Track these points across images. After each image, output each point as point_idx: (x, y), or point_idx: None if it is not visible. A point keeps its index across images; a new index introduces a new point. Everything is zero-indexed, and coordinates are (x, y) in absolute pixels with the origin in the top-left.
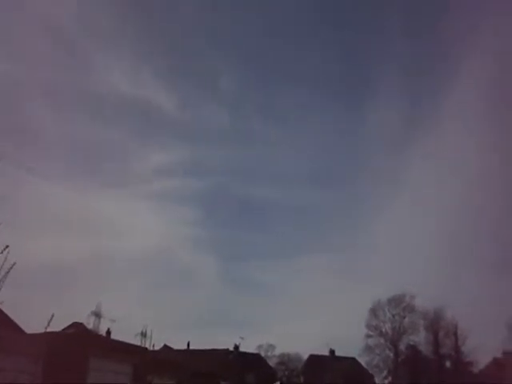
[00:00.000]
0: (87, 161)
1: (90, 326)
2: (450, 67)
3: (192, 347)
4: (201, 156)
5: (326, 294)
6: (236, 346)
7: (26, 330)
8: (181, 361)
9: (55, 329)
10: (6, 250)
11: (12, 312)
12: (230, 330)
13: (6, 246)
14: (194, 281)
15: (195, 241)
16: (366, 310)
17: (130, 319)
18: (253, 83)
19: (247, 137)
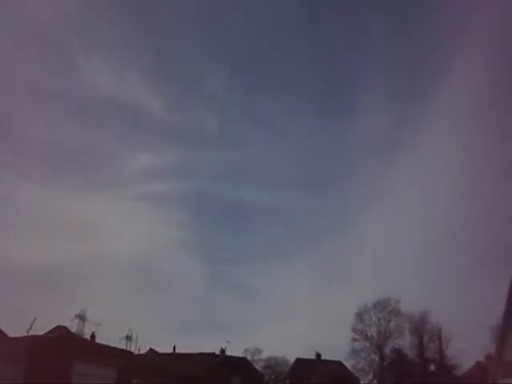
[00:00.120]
0: (73, 163)
1: (74, 330)
2: (438, 68)
3: (178, 351)
4: (188, 159)
5: (313, 297)
6: (222, 350)
7: (9, 333)
8: (166, 365)
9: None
10: None
11: None
12: (216, 333)
13: None
14: (180, 284)
15: (182, 243)
16: (352, 314)
17: (116, 323)
18: (240, 87)
19: (234, 140)
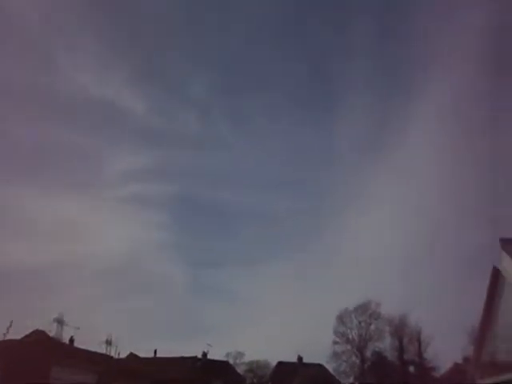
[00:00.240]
0: (52, 163)
1: (52, 334)
2: (421, 68)
3: (159, 355)
4: (169, 160)
5: (295, 300)
6: (204, 354)
7: None
8: (147, 369)
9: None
10: None
11: None
12: (198, 337)
13: None
14: (161, 287)
15: (163, 246)
16: (334, 317)
17: (95, 327)
18: (222, 88)
19: (216, 142)
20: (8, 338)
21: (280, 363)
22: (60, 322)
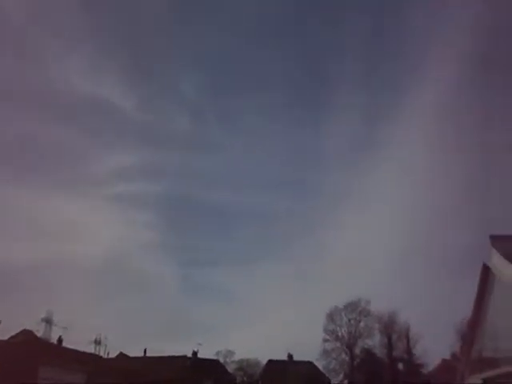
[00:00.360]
0: (40, 162)
1: (39, 334)
2: (412, 66)
3: (149, 354)
4: (160, 159)
5: (286, 299)
6: (194, 353)
7: None
8: (137, 368)
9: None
10: None
11: None
12: (188, 336)
13: None
14: (151, 286)
15: (153, 246)
16: (324, 315)
17: (84, 326)
18: (214, 87)
19: (207, 141)
20: None
21: (270, 361)
22: (48, 321)
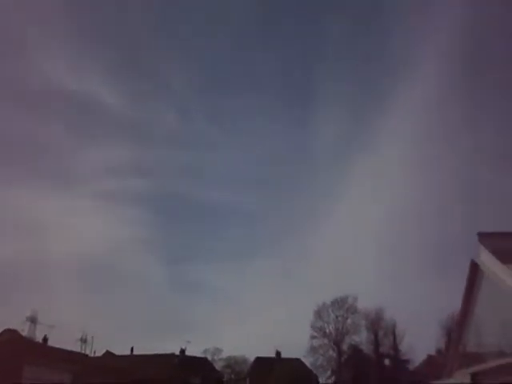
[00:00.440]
0: (25, 159)
1: (24, 333)
2: (397, 66)
3: (136, 352)
4: (147, 156)
5: (274, 297)
6: (182, 351)
7: None
8: (124, 367)
9: None
10: None
11: None
12: (176, 334)
13: None
14: (138, 284)
15: (141, 243)
16: (312, 313)
17: (70, 325)
18: (202, 84)
19: (195, 138)
20: None
21: (258, 358)
22: (33, 320)
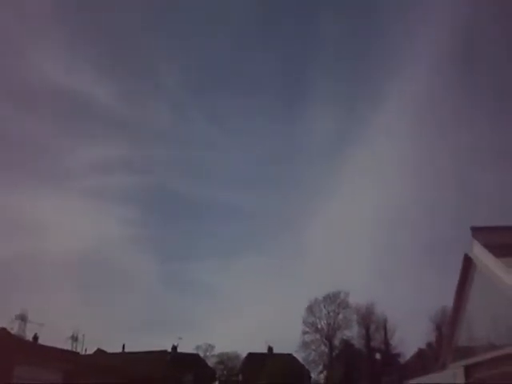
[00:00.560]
0: (15, 155)
1: (14, 332)
2: (386, 62)
3: (128, 350)
4: (139, 153)
5: (266, 293)
6: (174, 347)
7: None
8: (115, 365)
9: None
10: None
11: None
12: (168, 331)
13: None
14: (131, 282)
15: (133, 241)
16: (304, 308)
17: (60, 323)
18: (196, 81)
19: (188, 135)
20: None
21: (250, 354)
22: (23, 318)
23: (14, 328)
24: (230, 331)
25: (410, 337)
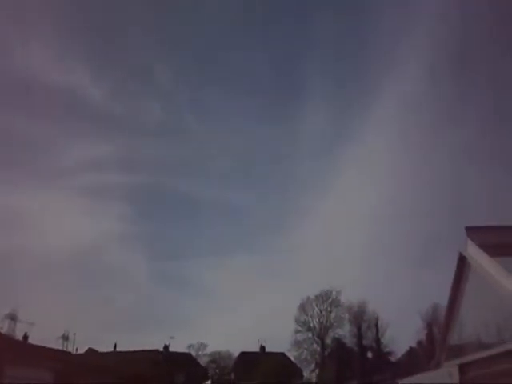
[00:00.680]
0: (6, 153)
1: (3, 331)
2: (382, 62)
3: (119, 349)
4: (132, 150)
5: (258, 292)
6: (166, 346)
7: None
8: (107, 364)
9: None
10: None
11: None
12: (160, 330)
13: None
14: (123, 280)
15: (125, 238)
16: (296, 307)
17: (51, 322)
18: (186, 78)
19: (180, 132)
20: None
21: (242, 353)
22: (13, 318)
23: (3, 327)
24: (223, 330)
25: (400, 335)
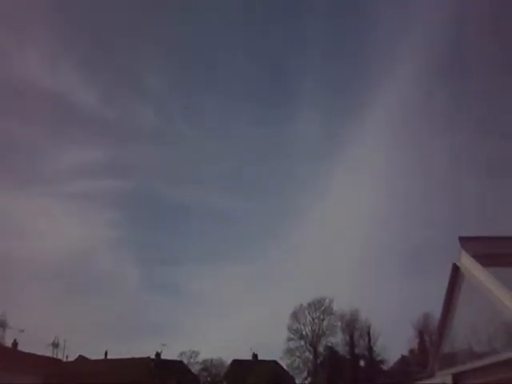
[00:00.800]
0: None
1: None
2: (375, 65)
3: (110, 356)
4: (122, 156)
5: (250, 299)
6: (157, 354)
7: None
8: (98, 371)
9: None
10: None
11: None
12: (152, 337)
13: None
14: (113, 286)
15: (115, 245)
16: (288, 315)
17: (41, 329)
18: (179, 83)
19: (171, 138)
20: None
21: (235, 361)
22: (2, 324)
23: None
24: (215, 338)
25: (392, 343)
